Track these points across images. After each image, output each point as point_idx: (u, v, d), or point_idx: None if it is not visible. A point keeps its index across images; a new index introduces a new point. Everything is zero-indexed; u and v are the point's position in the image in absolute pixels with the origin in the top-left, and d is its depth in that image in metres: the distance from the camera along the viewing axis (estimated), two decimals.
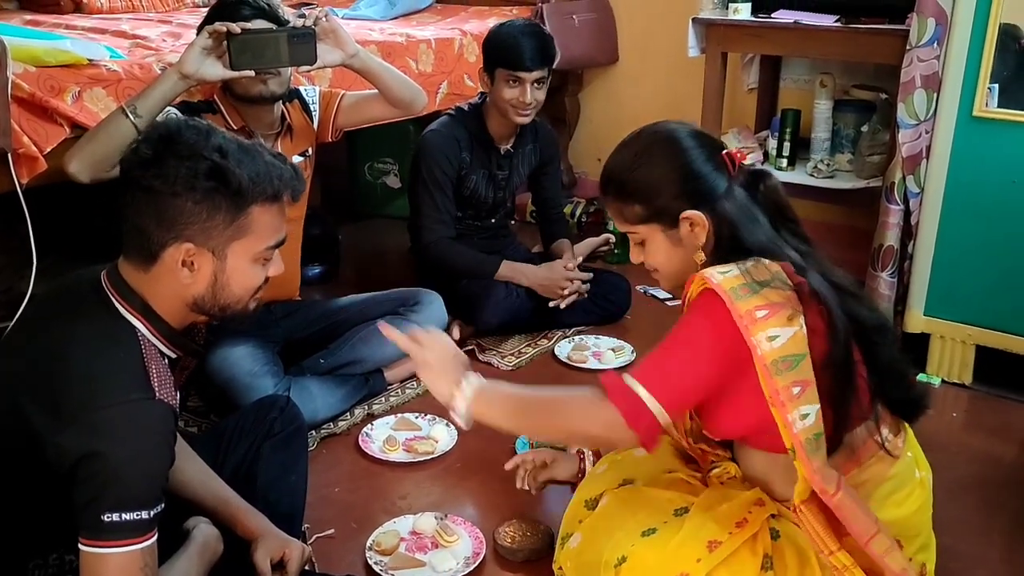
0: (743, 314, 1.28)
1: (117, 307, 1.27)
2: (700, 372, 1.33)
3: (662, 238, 1.46)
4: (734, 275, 1.32)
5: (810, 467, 1.29)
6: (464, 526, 1.83)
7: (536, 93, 2.60)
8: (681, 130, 1.47)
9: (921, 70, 2.38)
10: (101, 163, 1.84)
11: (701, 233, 1.43)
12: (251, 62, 1.98)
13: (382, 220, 3.72)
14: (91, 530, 1.15)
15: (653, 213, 1.44)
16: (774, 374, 1.28)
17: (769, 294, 1.30)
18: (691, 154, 1.44)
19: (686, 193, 1.42)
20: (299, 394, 2.07)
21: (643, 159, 1.45)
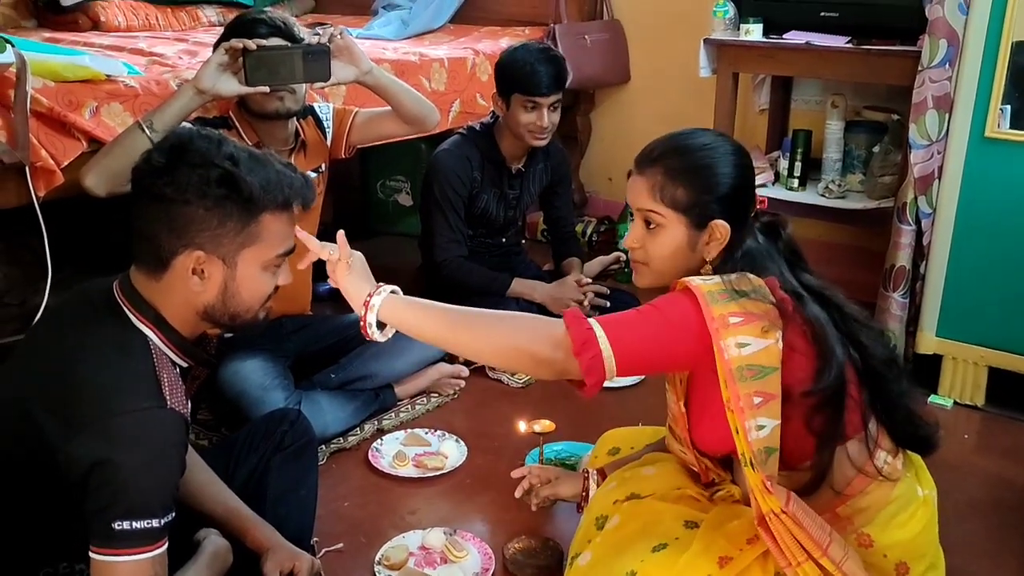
0: (716, 317, 1.28)
1: (129, 316, 1.28)
2: (661, 344, 1.32)
3: (682, 234, 1.44)
4: (714, 282, 1.33)
5: (763, 476, 1.28)
6: (473, 542, 1.83)
7: (552, 116, 2.63)
8: (741, 146, 1.49)
9: (933, 91, 2.39)
10: (117, 177, 1.86)
11: (716, 248, 1.44)
12: (266, 78, 2.00)
13: (394, 237, 3.73)
14: (102, 538, 1.16)
15: (693, 205, 1.42)
16: (738, 380, 1.28)
17: (747, 304, 1.31)
18: (752, 172, 1.46)
19: (730, 204, 1.43)
20: (309, 408, 2.07)
21: (714, 151, 1.44)
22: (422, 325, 1.37)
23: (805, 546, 1.27)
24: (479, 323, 1.37)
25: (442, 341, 1.39)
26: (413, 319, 1.37)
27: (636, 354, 1.31)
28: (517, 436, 2.11)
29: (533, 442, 2.07)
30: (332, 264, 1.43)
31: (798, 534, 1.27)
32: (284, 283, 1.38)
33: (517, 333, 1.34)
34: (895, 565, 1.40)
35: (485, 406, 2.45)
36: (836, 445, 1.36)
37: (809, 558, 1.27)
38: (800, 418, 1.33)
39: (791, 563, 1.28)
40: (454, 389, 2.50)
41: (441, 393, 2.48)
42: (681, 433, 1.55)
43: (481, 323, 1.37)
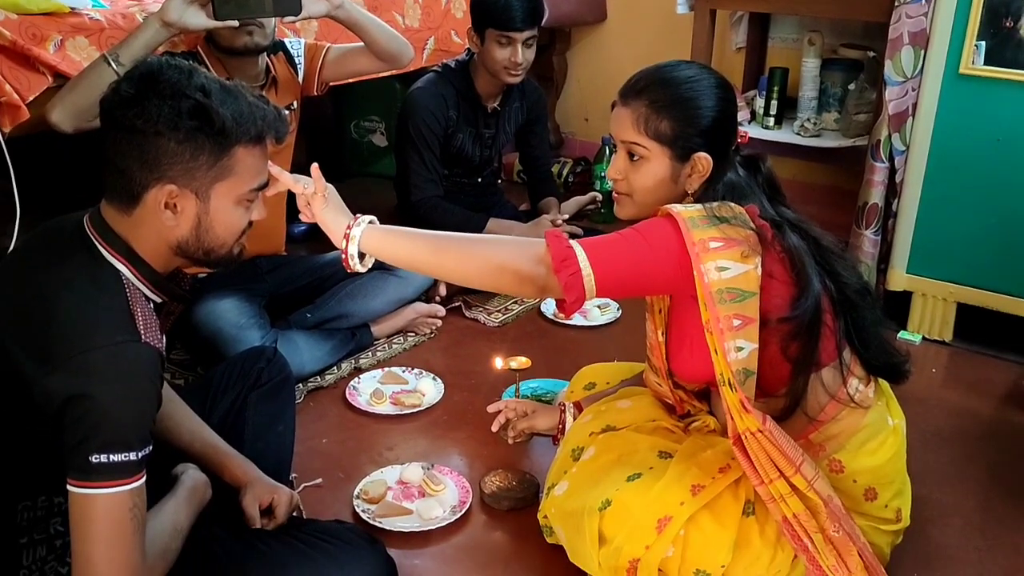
0: (696, 242, 1.30)
1: (100, 251, 1.26)
2: (641, 266, 1.33)
3: (665, 164, 1.45)
4: (695, 208, 1.34)
5: (742, 396, 1.31)
6: (451, 476, 1.85)
7: (527, 53, 2.60)
8: (725, 80, 1.50)
9: (909, 27, 2.38)
10: (84, 112, 1.82)
11: (698, 180, 1.45)
12: (235, 12, 1.95)
13: (369, 179, 3.70)
14: (79, 471, 1.16)
15: (676, 137, 1.43)
16: (717, 302, 1.30)
17: (727, 229, 1.32)
18: (734, 106, 1.47)
19: (713, 137, 1.44)
20: (286, 347, 2.08)
21: (698, 84, 1.44)
22: (404, 251, 1.38)
23: (779, 464, 1.31)
24: (461, 245, 1.38)
25: (424, 266, 1.39)
26: (394, 247, 1.38)
27: (616, 274, 1.32)
28: (493, 373, 2.13)
29: (510, 379, 2.09)
30: (308, 197, 1.42)
31: (772, 453, 1.31)
32: (258, 218, 1.37)
33: (499, 252, 1.35)
34: (864, 490, 1.45)
35: (462, 345, 2.47)
36: (811, 372, 1.38)
37: (781, 475, 1.31)
38: (776, 344, 1.35)
39: (763, 480, 1.32)
40: (431, 328, 2.50)
41: (418, 332, 2.49)
42: (658, 363, 1.57)
43: (463, 245, 1.38)
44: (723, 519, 1.38)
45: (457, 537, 1.72)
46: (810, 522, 1.32)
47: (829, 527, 1.32)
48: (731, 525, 1.38)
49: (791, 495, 1.32)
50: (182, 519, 1.37)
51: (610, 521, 1.41)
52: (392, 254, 1.38)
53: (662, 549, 1.37)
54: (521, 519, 1.75)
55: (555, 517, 1.56)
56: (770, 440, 1.31)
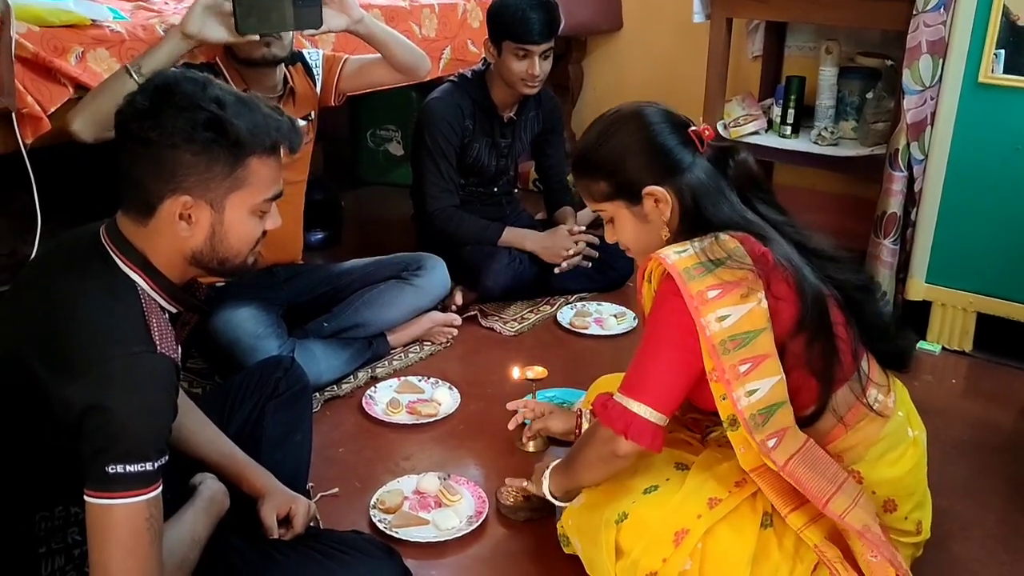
0: (694, 295, 1.31)
1: (116, 262, 1.27)
2: (678, 367, 1.36)
3: (627, 215, 1.48)
4: (688, 255, 1.35)
5: (754, 441, 1.31)
6: (467, 486, 1.85)
7: (544, 65, 2.60)
8: (646, 108, 1.49)
9: (927, 36, 2.37)
10: (104, 122, 1.83)
11: (665, 209, 1.45)
12: (257, 26, 1.97)
13: (384, 187, 3.72)
14: (96, 482, 1.16)
15: (617, 189, 1.47)
16: (721, 353, 1.31)
17: (722, 273, 1.33)
18: (654, 130, 1.46)
19: (649, 168, 1.44)
20: (303, 356, 2.08)
21: (607, 136, 1.47)
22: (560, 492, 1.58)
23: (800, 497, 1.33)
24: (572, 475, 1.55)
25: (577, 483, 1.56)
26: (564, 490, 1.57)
27: (670, 393, 1.38)
28: (510, 383, 2.13)
29: (526, 389, 2.08)
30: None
31: (785, 488, 1.33)
32: (272, 228, 1.37)
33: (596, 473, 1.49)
34: (883, 502, 1.44)
35: (478, 354, 2.47)
36: (836, 376, 1.38)
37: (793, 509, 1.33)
38: (799, 363, 1.35)
39: (781, 512, 1.34)
40: (447, 337, 2.51)
41: (434, 341, 2.49)
42: None
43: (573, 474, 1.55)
44: (741, 531, 1.38)
45: (474, 548, 1.71)
46: (831, 550, 1.33)
47: (866, 552, 1.32)
48: (749, 537, 1.37)
49: (808, 527, 1.33)
50: (200, 529, 1.38)
51: (627, 534, 1.40)
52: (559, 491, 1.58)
53: (680, 562, 1.37)
54: (538, 530, 1.75)
55: (572, 529, 1.55)
56: (792, 479, 1.32)
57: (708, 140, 1.48)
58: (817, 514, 1.35)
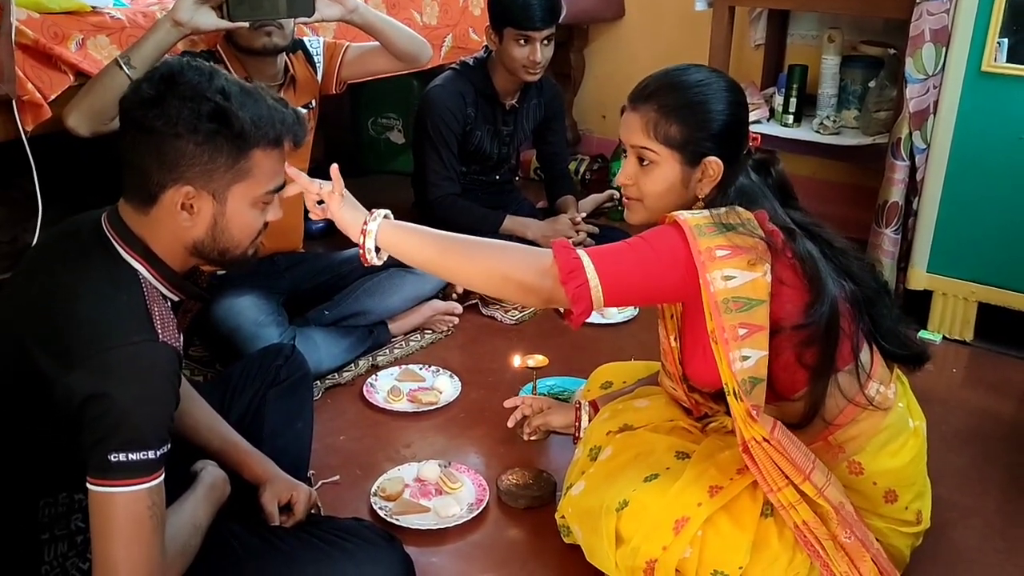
0: (702, 250, 1.29)
1: (118, 250, 1.27)
2: (649, 275, 1.33)
3: (675, 171, 1.44)
4: (702, 215, 1.33)
5: (748, 405, 1.30)
6: (468, 474, 1.85)
7: (545, 51, 2.60)
8: (735, 83, 1.48)
9: (930, 24, 2.36)
10: (99, 116, 1.84)
11: (708, 185, 1.43)
12: (248, 13, 1.96)
13: (386, 176, 3.71)
14: (98, 470, 1.16)
15: (686, 142, 1.42)
16: (723, 312, 1.29)
17: (734, 237, 1.31)
18: (744, 110, 1.45)
19: (723, 141, 1.42)
20: (304, 344, 2.09)
21: (708, 88, 1.43)
22: (414, 249, 1.40)
23: (787, 472, 1.31)
24: (469, 249, 1.38)
25: (432, 265, 1.41)
26: (406, 243, 1.40)
27: (624, 284, 1.32)
28: (511, 371, 2.13)
29: (527, 377, 2.08)
30: (324, 196, 1.43)
31: (779, 461, 1.31)
32: (273, 219, 1.37)
33: (505, 260, 1.36)
34: (884, 492, 1.44)
35: (479, 342, 2.47)
36: (829, 377, 1.37)
37: (789, 483, 1.31)
38: (791, 351, 1.35)
39: (772, 488, 1.32)
40: (448, 326, 2.51)
41: (435, 330, 2.49)
42: (672, 368, 1.56)
43: (471, 249, 1.38)
44: (741, 520, 1.38)
45: (474, 535, 1.72)
46: (820, 528, 1.33)
47: (840, 534, 1.32)
48: (749, 526, 1.37)
49: (800, 502, 1.32)
50: (201, 516, 1.38)
51: (627, 522, 1.40)
52: (403, 251, 1.40)
53: (679, 550, 1.37)
54: (538, 517, 1.76)
55: (572, 517, 1.56)
56: (777, 449, 1.31)
57: (754, 147, 1.48)
58: None
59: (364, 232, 1.39)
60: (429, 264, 1.40)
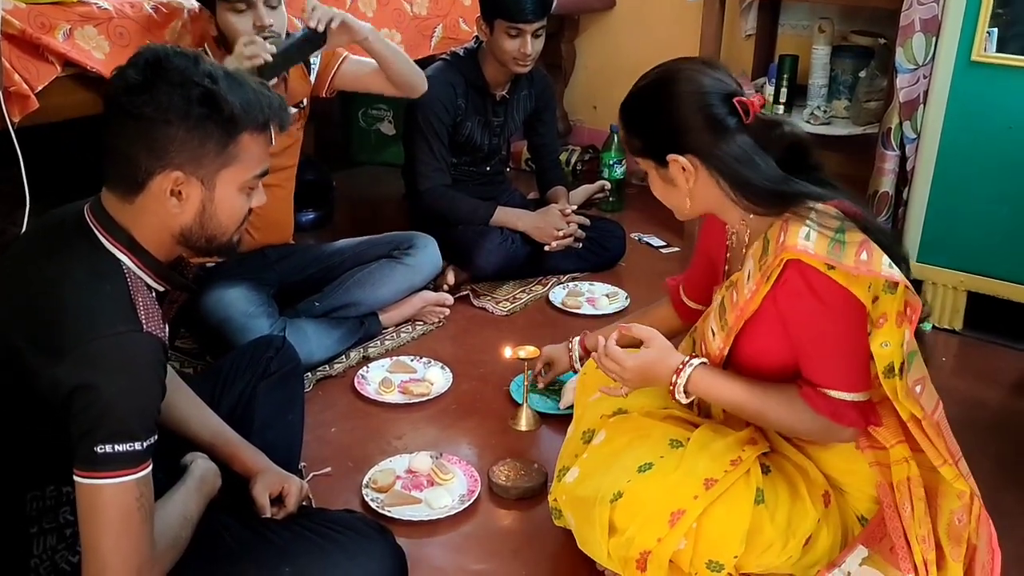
0: (852, 265, 1.28)
1: (101, 240, 1.26)
2: (862, 347, 1.34)
3: (656, 174, 1.48)
4: (816, 237, 1.31)
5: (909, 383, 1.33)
6: (459, 465, 1.85)
7: (536, 43, 2.59)
8: (696, 71, 1.42)
9: (920, 13, 2.36)
10: None
11: (690, 177, 1.42)
12: (272, 72, 2.03)
13: (376, 167, 3.70)
14: (85, 462, 1.16)
15: (646, 147, 1.46)
16: None
17: (850, 237, 1.30)
18: (697, 97, 1.39)
19: (682, 135, 1.40)
20: (294, 335, 2.08)
21: (649, 92, 1.45)
22: (721, 397, 1.48)
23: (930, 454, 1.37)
24: (763, 406, 1.44)
25: (738, 413, 1.50)
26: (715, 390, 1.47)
27: (861, 374, 1.37)
28: (502, 362, 2.13)
29: (518, 368, 2.09)
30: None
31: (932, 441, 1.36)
32: (258, 204, 1.36)
33: (789, 418, 1.43)
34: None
35: (470, 333, 2.47)
36: None
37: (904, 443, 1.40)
38: None
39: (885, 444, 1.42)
40: (439, 317, 2.51)
41: (426, 321, 2.49)
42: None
43: (764, 406, 1.44)
44: (735, 510, 1.38)
45: (466, 526, 1.72)
46: (918, 489, 1.39)
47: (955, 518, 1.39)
48: (744, 515, 1.38)
49: (911, 460, 1.40)
50: (191, 508, 1.37)
51: (622, 512, 1.40)
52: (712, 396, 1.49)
53: (674, 542, 1.37)
54: (529, 508, 1.76)
55: (566, 504, 1.56)
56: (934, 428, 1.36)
57: (755, 112, 1.40)
58: None
59: (679, 372, 1.47)
60: (735, 412, 1.51)
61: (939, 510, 1.41)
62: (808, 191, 1.37)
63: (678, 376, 1.46)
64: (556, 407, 2.07)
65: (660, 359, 1.49)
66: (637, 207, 3.32)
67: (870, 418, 1.39)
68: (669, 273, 2.86)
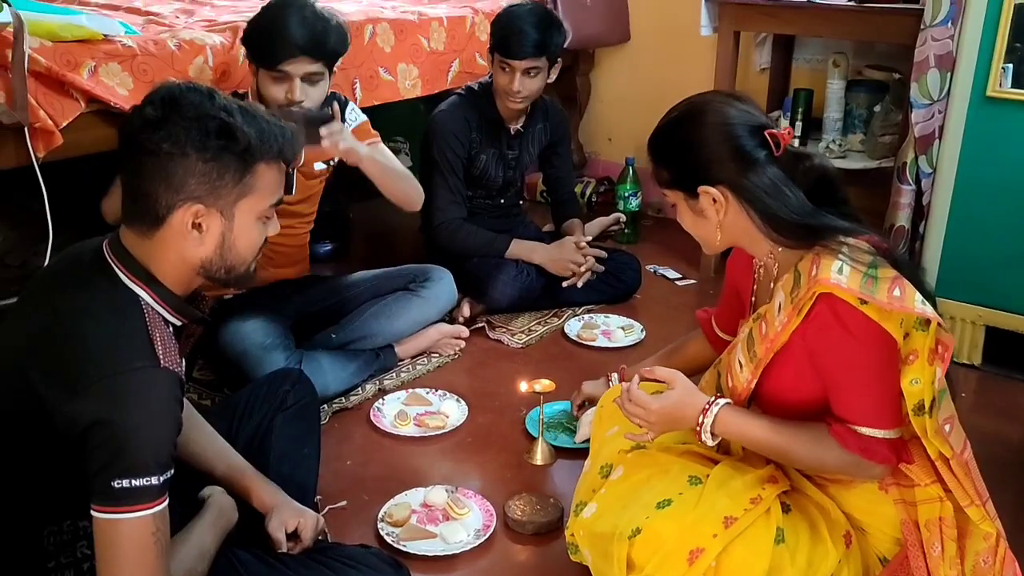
0: (886, 301, 1.28)
1: (119, 276, 1.27)
2: (894, 384, 1.34)
3: (686, 207, 1.49)
4: (849, 271, 1.32)
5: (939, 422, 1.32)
6: (475, 499, 1.85)
7: (527, 82, 2.60)
8: (724, 104, 1.43)
9: (935, 50, 2.37)
10: None
11: (720, 209, 1.43)
12: None
13: None
14: (102, 497, 1.17)
15: (676, 179, 1.47)
16: None
17: (882, 272, 1.31)
18: (726, 129, 1.40)
19: (712, 167, 1.42)
20: (310, 367, 2.08)
21: (678, 125, 1.47)
22: (748, 436, 1.47)
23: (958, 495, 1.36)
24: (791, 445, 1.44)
25: (765, 453, 1.50)
26: (742, 430, 1.46)
27: (896, 408, 1.36)
28: (518, 396, 2.13)
29: (534, 401, 2.09)
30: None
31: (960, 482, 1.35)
32: (273, 233, 1.38)
33: (816, 456, 1.42)
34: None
35: (486, 366, 2.47)
36: None
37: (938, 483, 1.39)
38: None
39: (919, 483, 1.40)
40: (455, 349, 2.51)
41: (442, 353, 2.49)
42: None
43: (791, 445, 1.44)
44: (755, 549, 1.37)
45: (481, 561, 1.71)
46: (951, 529, 1.37)
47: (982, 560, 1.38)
48: (763, 555, 1.36)
49: (944, 500, 1.38)
50: (208, 543, 1.38)
51: (640, 549, 1.39)
52: (736, 436, 1.49)
53: None
54: (545, 544, 1.75)
55: (583, 539, 1.54)
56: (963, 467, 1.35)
57: (786, 145, 1.41)
58: None
59: (705, 412, 1.46)
60: (760, 451, 1.50)
61: (966, 551, 1.40)
62: (837, 225, 1.38)
63: (704, 416, 1.45)
64: (572, 441, 2.06)
65: (684, 401, 1.48)
66: (652, 239, 3.33)
67: (902, 455, 1.38)
68: (685, 305, 2.87)
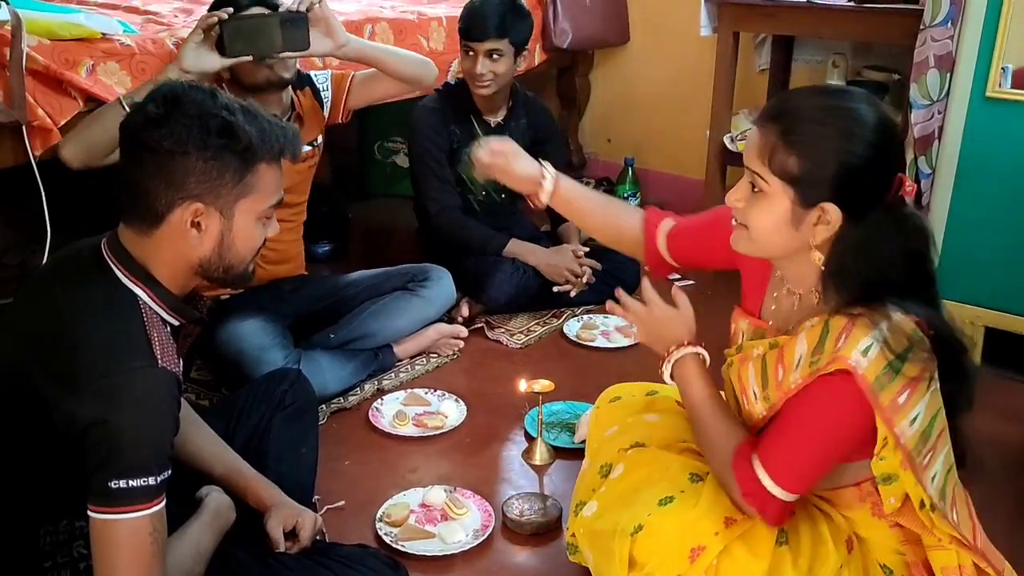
0: (887, 407, 1.22)
1: (117, 274, 1.27)
2: (830, 459, 1.31)
3: (786, 208, 1.26)
4: (875, 355, 1.21)
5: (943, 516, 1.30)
6: (473, 499, 1.85)
7: (490, 65, 2.58)
8: (886, 121, 1.25)
9: (935, 50, 2.37)
10: (94, 151, 1.88)
11: (824, 232, 1.26)
12: (244, 48, 2.00)
13: (392, 199, 3.72)
14: (99, 497, 1.16)
15: (802, 178, 1.23)
16: (915, 456, 1.26)
17: (909, 369, 1.21)
18: (888, 155, 1.24)
19: (848, 188, 1.22)
20: (309, 367, 2.08)
21: (844, 121, 1.22)
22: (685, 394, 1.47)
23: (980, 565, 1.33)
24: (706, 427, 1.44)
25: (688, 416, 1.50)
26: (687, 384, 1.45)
27: (810, 482, 1.33)
28: (516, 395, 2.13)
29: (532, 401, 2.08)
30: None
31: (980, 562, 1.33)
32: (273, 234, 1.38)
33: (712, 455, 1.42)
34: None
35: (484, 366, 2.47)
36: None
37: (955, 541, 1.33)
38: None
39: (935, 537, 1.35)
40: (453, 349, 2.51)
41: (440, 353, 2.49)
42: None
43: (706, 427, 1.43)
44: (757, 549, 1.36)
45: (480, 562, 1.71)
46: None
47: None
48: (765, 555, 1.35)
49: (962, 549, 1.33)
50: (205, 542, 1.38)
51: (642, 546, 1.39)
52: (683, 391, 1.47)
53: None
54: (544, 543, 1.75)
55: (583, 538, 1.54)
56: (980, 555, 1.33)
57: (904, 195, 1.25)
58: None
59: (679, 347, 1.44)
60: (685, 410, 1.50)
61: None
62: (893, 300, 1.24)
63: (676, 350, 1.43)
64: (570, 441, 2.06)
65: (675, 326, 1.45)
66: None
67: (775, 519, 1.34)
68: None
